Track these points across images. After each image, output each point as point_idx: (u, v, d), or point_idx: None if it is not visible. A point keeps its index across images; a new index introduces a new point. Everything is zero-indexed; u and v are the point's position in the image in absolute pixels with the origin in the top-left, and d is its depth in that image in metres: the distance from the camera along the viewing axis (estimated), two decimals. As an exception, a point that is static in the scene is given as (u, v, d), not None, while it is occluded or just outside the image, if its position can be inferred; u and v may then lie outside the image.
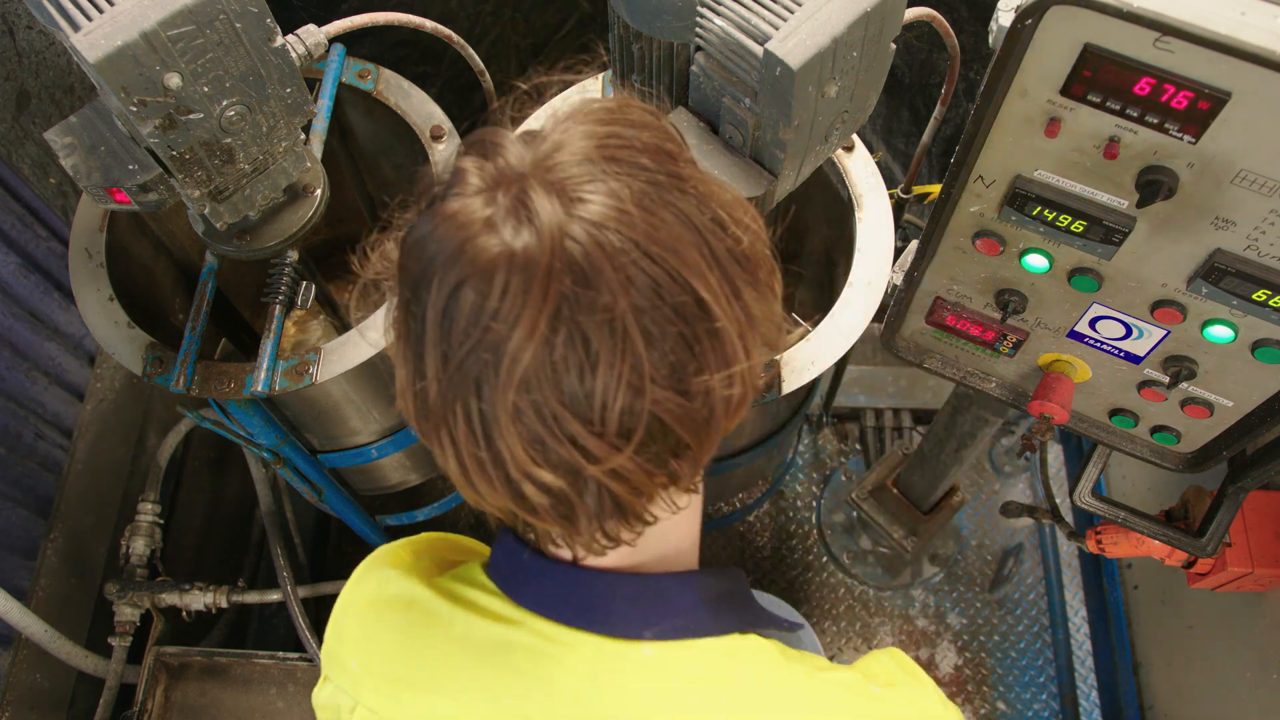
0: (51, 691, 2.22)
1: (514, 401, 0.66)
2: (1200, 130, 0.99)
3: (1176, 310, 1.22)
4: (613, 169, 0.68)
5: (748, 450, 2.06)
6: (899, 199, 2.31)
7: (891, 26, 1.13)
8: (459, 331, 0.66)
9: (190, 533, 2.72)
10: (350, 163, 2.10)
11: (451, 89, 2.52)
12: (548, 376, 0.65)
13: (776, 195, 1.26)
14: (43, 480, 2.28)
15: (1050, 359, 1.46)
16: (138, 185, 1.36)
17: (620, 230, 0.65)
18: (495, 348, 0.65)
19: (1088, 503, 1.80)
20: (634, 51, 1.22)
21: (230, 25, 1.26)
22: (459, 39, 1.81)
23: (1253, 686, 2.22)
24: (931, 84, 2.56)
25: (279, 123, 1.44)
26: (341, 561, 3.19)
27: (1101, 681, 2.95)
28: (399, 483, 2.30)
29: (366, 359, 1.62)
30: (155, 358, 1.63)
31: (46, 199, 2.20)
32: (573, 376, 0.65)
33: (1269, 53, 0.88)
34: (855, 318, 1.65)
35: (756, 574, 3.14)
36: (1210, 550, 1.73)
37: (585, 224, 0.65)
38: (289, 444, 1.87)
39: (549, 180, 0.66)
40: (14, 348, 2.19)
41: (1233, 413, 1.35)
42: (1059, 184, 1.15)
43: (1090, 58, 0.98)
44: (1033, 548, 3.17)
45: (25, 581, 2.19)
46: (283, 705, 2.24)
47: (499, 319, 0.64)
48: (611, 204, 0.66)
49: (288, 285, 1.64)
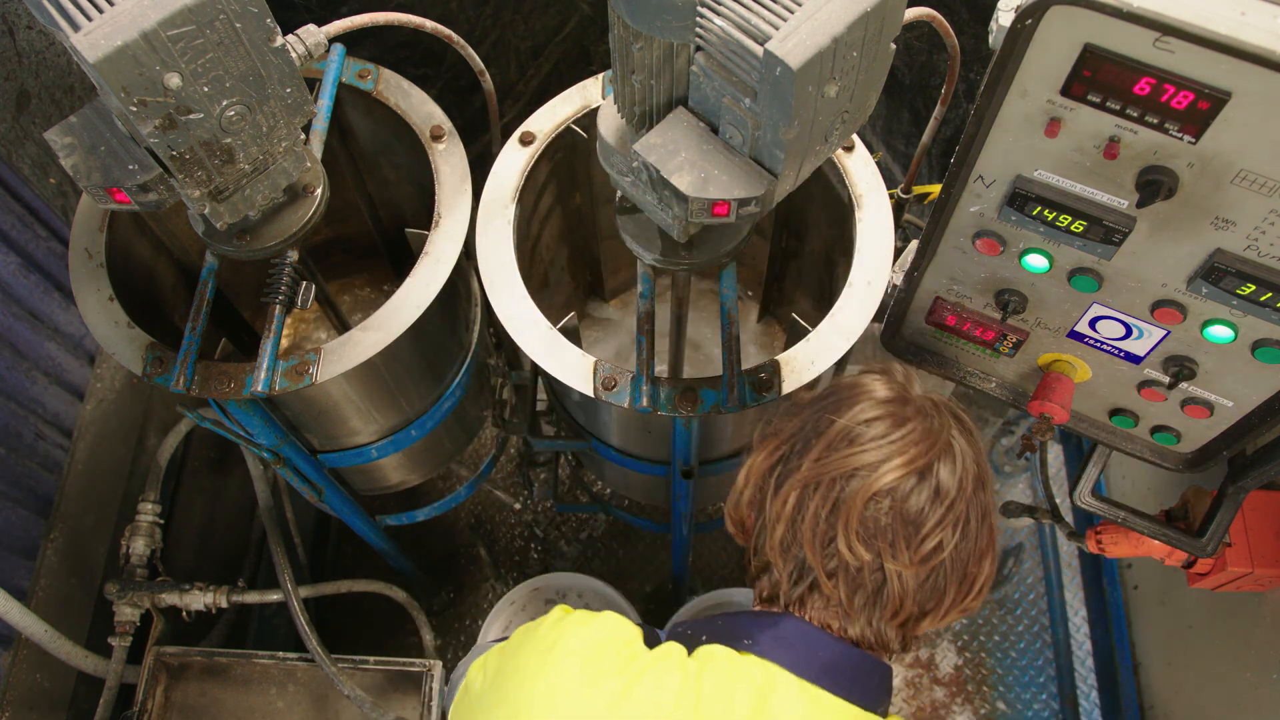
0: (51, 691, 2.22)
1: (871, 496, 1.05)
2: (1200, 130, 0.99)
3: (1176, 310, 1.22)
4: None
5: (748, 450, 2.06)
6: (899, 199, 2.31)
7: (891, 26, 1.13)
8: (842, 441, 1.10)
9: (190, 533, 2.72)
10: (350, 163, 2.10)
11: (451, 91, 2.52)
12: (900, 495, 1.05)
13: (776, 195, 1.26)
14: (43, 480, 2.28)
15: (1050, 359, 1.46)
16: (138, 185, 1.36)
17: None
18: (863, 468, 1.06)
19: (1088, 503, 1.80)
20: (634, 51, 1.22)
21: (230, 25, 1.26)
22: (459, 39, 1.81)
23: (1253, 686, 2.22)
24: (932, 85, 2.56)
25: (279, 123, 1.44)
26: (341, 561, 3.19)
27: (1101, 681, 2.95)
28: (399, 483, 2.30)
29: (366, 359, 1.62)
30: (155, 358, 1.63)
31: (46, 199, 2.20)
32: (912, 503, 1.05)
33: (1269, 53, 0.88)
34: (855, 318, 1.65)
35: (756, 574, 3.14)
36: (1210, 550, 1.73)
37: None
38: (289, 444, 1.87)
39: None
40: (14, 348, 2.19)
41: (1233, 413, 1.35)
42: (1059, 184, 1.15)
43: (1090, 58, 0.98)
44: (1033, 548, 3.17)
45: (25, 581, 2.19)
46: (283, 705, 2.24)
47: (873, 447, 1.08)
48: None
49: (288, 285, 1.64)
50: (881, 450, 1.06)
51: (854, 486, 1.05)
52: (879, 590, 1.07)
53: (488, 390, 2.40)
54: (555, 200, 2.08)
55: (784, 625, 1.10)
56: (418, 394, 1.99)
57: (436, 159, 1.81)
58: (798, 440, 1.15)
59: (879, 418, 1.10)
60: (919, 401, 1.13)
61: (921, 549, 1.04)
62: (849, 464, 1.06)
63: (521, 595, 2.65)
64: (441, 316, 1.94)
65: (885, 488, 1.04)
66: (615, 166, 1.39)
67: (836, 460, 1.07)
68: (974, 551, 1.08)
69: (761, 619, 1.12)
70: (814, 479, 1.08)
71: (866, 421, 1.09)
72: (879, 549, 1.05)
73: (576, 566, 3.17)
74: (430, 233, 1.75)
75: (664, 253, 1.53)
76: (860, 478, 1.05)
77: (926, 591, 1.07)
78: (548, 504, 3.23)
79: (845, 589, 1.07)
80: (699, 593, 2.72)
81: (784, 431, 1.18)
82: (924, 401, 1.14)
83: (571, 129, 1.89)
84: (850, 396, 1.14)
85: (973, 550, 1.08)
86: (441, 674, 2.24)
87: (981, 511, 1.09)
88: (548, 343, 1.65)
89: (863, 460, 1.06)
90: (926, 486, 1.05)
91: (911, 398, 1.13)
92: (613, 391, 1.59)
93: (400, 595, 2.57)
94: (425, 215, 1.77)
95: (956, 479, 1.07)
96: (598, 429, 2.06)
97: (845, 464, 1.07)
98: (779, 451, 1.17)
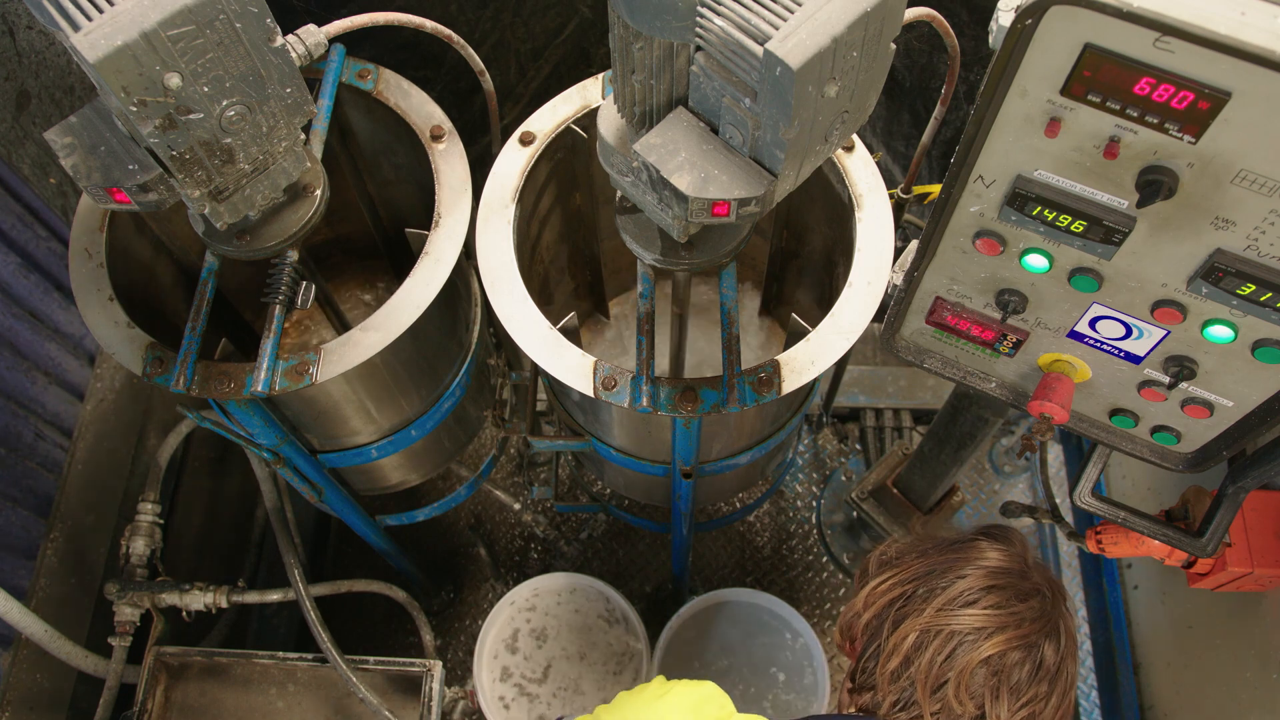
0: (51, 691, 2.22)
1: (984, 659, 1.18)
2: (1200, 130, 0.99)
3: (1176, 310, 1.22)
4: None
5: (748, 450, 2.06)
6: (899, 199, 2.31)
7: (891, 26, 1.13)
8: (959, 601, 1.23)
9: (190, 533, 2.72)
10: (350, 163, 2.10)
11: (451, 92, 2.52)
12: (1009, 663, 1.18)
13: (776, 195, 1.26)
14: (43, 480, 2.28)
15: (1050, 359, 1.46)
16: (138, 185, 1.36)
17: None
18: (979, 630, 1.19)
19: (1088, 503, 1.80)
20: (634, 52, 1.22)
21: (230, 25, 1.26)
22: (459, 39, 1.81)
23: (1253, 686, 2.22)
24: (932, 87, 2.56)
25: (279, 123, 1.44)
26: (341, 561, 3.19)
27: (1101, 681, 2.95)
28: (399, 483, 2.30)
29: (366, 359, 1.62)
30: (155, 358, 1.63)
31: (46, 199, 2.20)
32: (1017, 673, 1.18)
33: (1269, 53, 0.88)
34: (855, 318, 1.65)
35: (756, 574, 3.15)
36: (1210, 550, 1.73)
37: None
38: (289, 444, 1.87)
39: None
40: (14, 348, 2.19)
41: (1233, 413, 1.35)
42: (1059, 184, 1.15)
43: (1090, 57, 0.98)
44: (1033, 548, 3.17)
45: (25, 581, 2.19)
46: (283, 705, 2.24)
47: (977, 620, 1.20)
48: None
49: (288, 285, 1.64)
50: (997, 619, 1.20)
51: (968, 644, 1.19)
52: None
53: (488, 390, 2.40)
54: (555, 200, 2.08)
55: None
56: (418, 394, 1.99)
57: (436, 159, 1.81)
58: (922, 584, 1.26)
59: (999, 586, 1.23)
60: (1039, 578, 1.27)
61: (1018, 714, 1.18)
62: (968, 624, 1.20)
63: (522, 595, 2.65)
64: (441, 316, 1.94)
65: (996, 653, 1.18)
66: (615, 166, 1.39)
67: (958, 618, 1.21)
68: (1058, 715, 1.22)
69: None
70: (934, 627, 1.21)
71: (987, 589, 1.23)
72: (982, 703, 1.18)
73: (576, 566, 3.17)
74: (430, 233, 1.75)
75: (664, 253, 1.53)
76: (973, 639, 1.19)
77: None
78: (548, 504, 3.24)
79: None
80: (699, 593, 2.72)
81: (909, 569, 1.30)
82: (1043, 579, 1.28)
83: (571, 129, 1.89)
84: (975, 558, 1.27)
85: (1054, 718, 1.22)
86: (441, 674, 2.24)
87: (1068, 684, 1.23)
88: (548, 343, 1.65)
89: (979, 624, 1.20)
90: (1031, 660, 1.19)
91: (1032, 572, 1.27)
92: (612, 391, 1.59)
93: (400, 595, 2.57)
94: (425, 215, 1.77)
95: (1058, 657, 1.22)
96: (598, 429, 2.06)
97: (964, 623, 1.20)
98: (903, 588, 1.28)
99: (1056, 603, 1.26)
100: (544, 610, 2.66)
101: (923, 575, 1.27)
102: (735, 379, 1.59)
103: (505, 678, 2.59)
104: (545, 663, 2.60)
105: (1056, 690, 1.20)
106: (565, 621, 2.64)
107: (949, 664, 1.18)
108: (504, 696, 2.56)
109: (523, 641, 2.63)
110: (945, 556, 1.29)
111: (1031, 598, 1.23)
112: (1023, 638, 1.19)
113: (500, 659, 2.61)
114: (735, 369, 1.60)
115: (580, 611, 2.65)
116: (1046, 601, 1.24)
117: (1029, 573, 1.27)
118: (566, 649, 2.62)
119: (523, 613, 2.66)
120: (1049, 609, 1.23)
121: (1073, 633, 1.27)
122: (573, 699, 2.57)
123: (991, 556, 1.27)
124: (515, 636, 2.63)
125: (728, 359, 1.61)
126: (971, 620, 1.19)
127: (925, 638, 1.21)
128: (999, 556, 1.27)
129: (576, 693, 2.57)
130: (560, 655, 2.61)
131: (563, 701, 2.56)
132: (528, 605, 2.66)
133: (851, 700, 1.29)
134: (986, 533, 1.33)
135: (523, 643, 2.62)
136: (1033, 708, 1.18)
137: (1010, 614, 1.20)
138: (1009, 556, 1.28)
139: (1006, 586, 1.23)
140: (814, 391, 2.38)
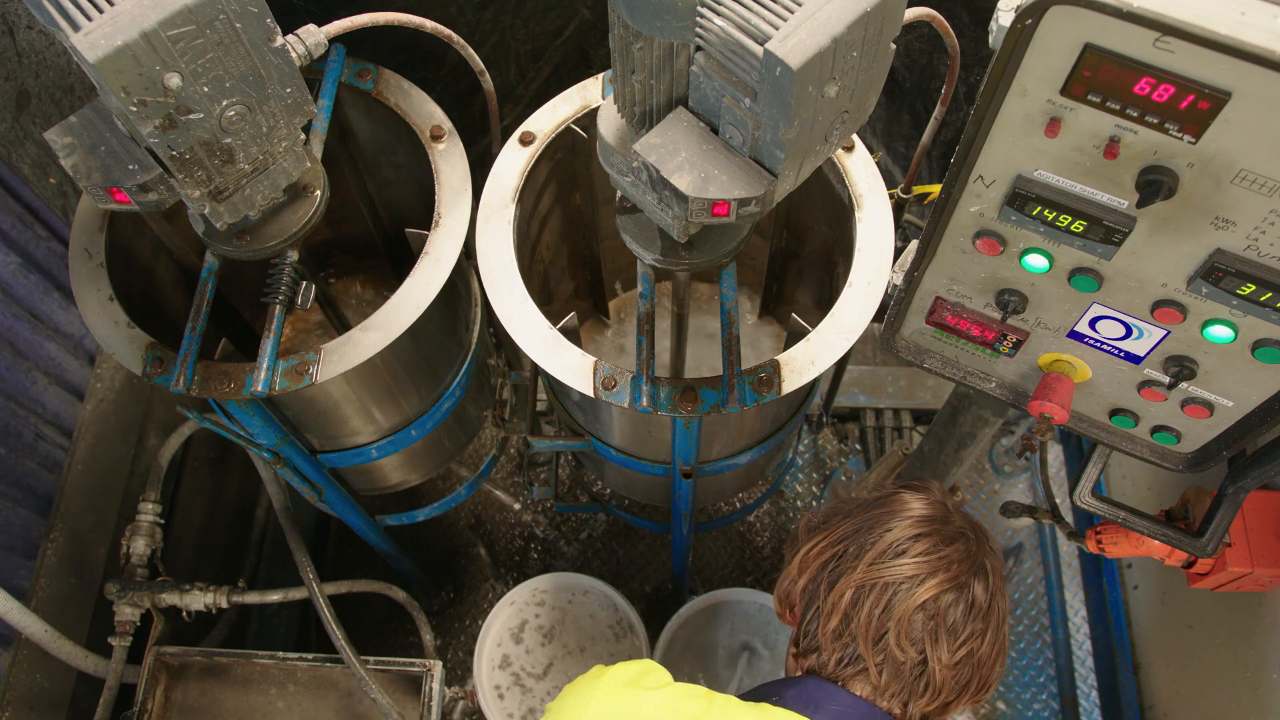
0: (51, 691, 2.22)
1: (919, 604, 1.22)
2: (1200, 130, 0.99)
3: (1176, 310, 1.22)
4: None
5: (748, 450, 2.06)
6: (899, 199, 2.31)
7: (891, 26, 1.13)
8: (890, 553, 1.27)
9: (190, 533, 2.72)
10: (350, 163, 2.10)
11: (451, 93, 2.52)
12: (943, 605, 1.23)
13: (776, 195, 1.26)
14: (43, 480, 2.28)
15: (1050, 359, 1.46)
16: (138, 185, 1.36)
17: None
18: (912, 577, 1.24)
19: (1088, 503, 1.80)
20: (634, 52, 1.22)
21: (230, 25, 1.26)
22: (459, 39, 1.81)
23: (1253, 686, 2.22)
24: (932, 88, 2.57)
25: (279, 123, 1.44)
26: (341, 561, 3.19)
27: (1101, 681, 2.95)
28: (399, 483, 2.30)
29: (366, 359, 1.62)
30: (155, 358, 1.63)
31: (46, 199, 2.20)
32: (952, 613, 1.23)
33: (1269, 53, 0.88)
34: (855, 318, 1.65)
35: (756, 574, 3.14)
36: (1210, 550, 1.73)
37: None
38: (289, 444, 1.87)
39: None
40: (14, 348, 2.19)
41: (1233, 413, 1.35)
42: (1059, 184, 1.15)
43: (1090, 57, 0.98)
44: (1033, 548, 3.17)
45: (25, 581, 2.19)
46: (283, 705, 2.24)
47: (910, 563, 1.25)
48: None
49: (288, 285, 1.64)
50: (927, 564, 1.25)
51: (903, 593, 1.23)
52: (916, 679, 1.24)
53: (488, 390, 2.40)
54: (555, 200, 2.08)
55: (826, 689, 1.26)
56: (418, 394, 1.99)
57: (436, 159, 1.81)
58: (851, 543, 1.30)
59: (925, 534, 1.28)
60: (958, 522, 1.32)
61: (958, 652, 1.23)
62: (900, 573, 1.24)
63: (522, 595, 2.66)
64: (441, 316, 1.94)
65: (930, 597, 1.23)
66: (615, 166, 1.39)
67: (890, 569, 1.25)
68: (993, 654, 1.28)
69: (803, 683, 1.28)
70: (869, 582, 1.25)
71: (915, 537, 1.27)
72: (923, 648, 1.22)
73: (576, 566, 3.17)
74: (430, 233, 1.75)
75: (664, 253, 1.53)
76: (908, 587, 1.23)
77: (954, 686, 1.25)
78: (548, 504, 3.24)
79: (888, 675, 1.24)
80: (699, 593, 2.72)
81: (836, 531, 1.33)
82: (962, 522, 1.32)
83: (571, 129, 1.89)
84: (899, 510, 1.31)
85: (991, 653, 1.27)
86: (441, 674, 2.24)
87: (1000, 618, 1.28)
88: (548, 343, 1.65)
89: (911, 572, 1.24)
90: (964, 600, 1.24)
91: (951, 517, 1.32)
92: (612, 391, 1.59)
93: (400, 595, 2.58)
94: (425, 215, 1.77)
95: (988, 594, 1.27)
96: (598, 429, 2.06)
97: (897, 573, 1.24)
98: (833, 549, 1.32)
99: (980, 542, 1.30)
100: (553, 605, 2.66)
101: (851, 534, 1.31)
102: (735, 379, 1.59)
103: (505, 665, 2.60)
104: (548, 661, 2.60)
105: (990, 625, 1.26)
106: (573, 620, 2.64)
107: (887, 614, 1.23)
108: (499, 685, 2.58)
109: (529, 635, 2.63)
110: (870, 513, 1.32)
111: (957, 540, 1.28)
112: (953, 579, 1.24)
113: (504, 646, 2.62)
114: (735, 369, 1.60)
115: (589, 613, 2.66)
116: (971, 543, 1.29)
117: (950, 517, 1.31)
118: (568, 646, 2.62)
119: (532, 606, 2.66)
120: (974, 549, 1.28)
121: (999, 570, 1.31)
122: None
123: (915, 507, 1.31)
124: (522, 628, 2.64)
125: (728, 359, 1.61)
126: (904, 569, 1.24)
127: (861, 593, 1.25)
128: (921, 506, 1.31)
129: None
130: (563, 653, 2.61)
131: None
132: (537, 601, 2.67)
133: (797, 664, 1.33)
134: (906, 485, 1.37)
135: (529, 636, 2.63)
136: (970, 645, 1.23)
137: (939, 558, 1.25)
138: (931, 504, 1.32)
139: (932, 533, 1.27)
140: (814, 391, 2.38)
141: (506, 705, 2.55)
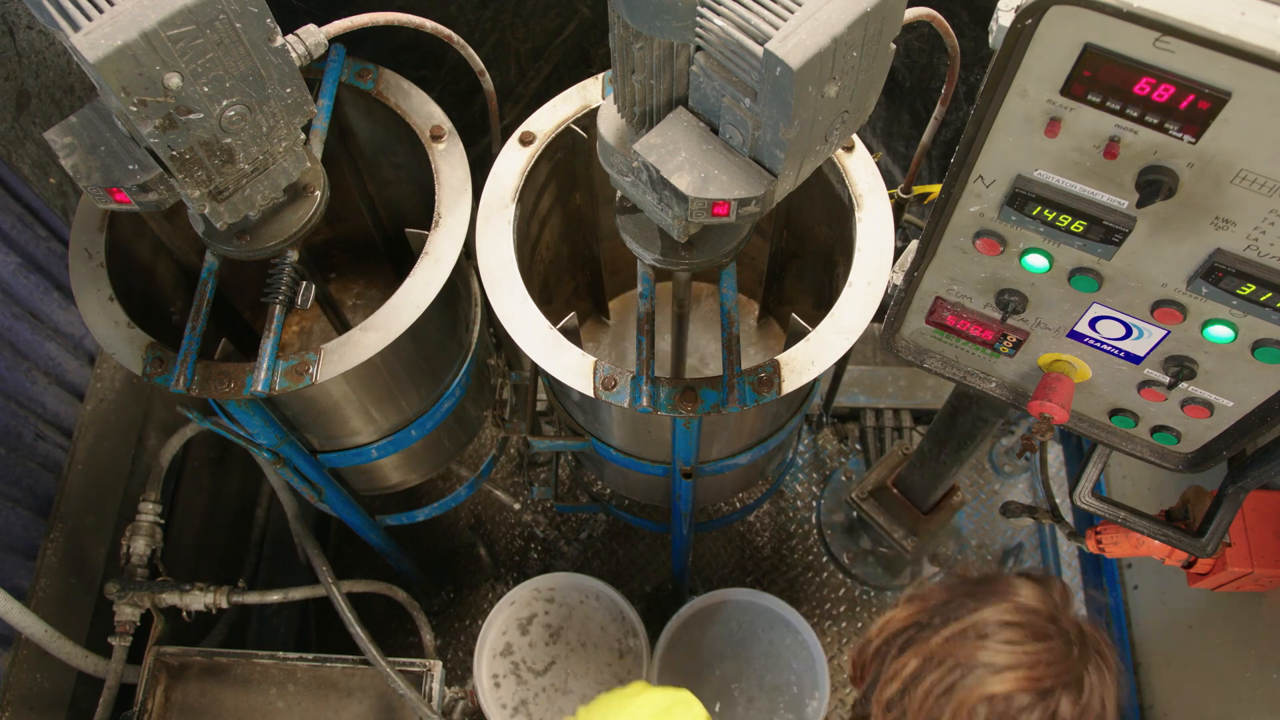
0: (51, 691, 2.22)
1: (986, 697, 1.06)
2: (1200, 130, 0.99)
3: (1176, 310, 1.22)
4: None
5: (748, 450, 2.06)
6: (899, 199, 2.31)
7: (891, 26, 1.13)
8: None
9: (190, 533, 2.72)
10: (350, 163, 2.10)
11: (451, 93, 2.52)
12: (1015, 707, 1.05)
13: (776, 195, 1.26)
14: (43, 480, 2.28)
15: (1050, 359, 1.46)
16: (138, 185, 1.36)
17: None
18: (987, 665, 1.07)
19: (1088, 503, 1.80)
20: (634, 52, 1.22)
21: (230, 25, 1.26)
22: (459, 38, 1.81)
23: (1253, 686, 2.22)
24: (932, 88, 2.56)
25: (279, 123, 1.44)
26: (341, 561, 3.19)
27: (1101, 682, 2.95)
28: (399, 483, 2.30)
29: (366, 359, 1.62)
30: (155, 358, 1.63)
31: (46, 199, 2.20)
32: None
33: (1269, 53, 0.88)
34: (855, 318, 1.65)
35: (756, 574, 3.14)
36: (1210, 550, 1.73)
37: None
38: (289, 444, 1.87)
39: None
40: (14, 348, 2.19)
41: (1233, 413, 1.35)
42: (1059, 184, 1.15)
43: (1090, 57, 0.98)
44: (1033, 548, 3.17)
45: (25, 581, 2.19)
46: (283, 705, 2.24)
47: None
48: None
49: (288, 285, 1.64)
50: (1010, 656, 1.07)
51: (971, 679, 1.07)
52: None
53: (488, 390, 2.40)
54: (555, 200, 2.08)
55: None
56: (418, 394, 1.99)
57: (436, 159, 1.81)
58: (937, 614, 1.16)
59: (1019, 624, 1.10)
60: (1067, 624, 1.12)
61: None
62: (974, 656, 1.08)
63: (522, 595, 2.66)
64: (441, 316, 1.94)
65: (1001, 694, 1.05)
66: (615, 166, 1.39)
67: (965, 647, 1.09)
68: None
69: None
70: (938, 656, 1.10)
71: (1005, 623, 1.10)
72: None
73: (576, 566, 3.17)
74: (430, 233, 1.75)
75: (664, 253, 1.53)
76: (978, 674, 1.07)
77: None
78: (548, 504, 3.23)
79: None
80: (699, 593, 2.72)
81: (930, 600, 1.19)
82: (1073, 627, 1.13)
83: (571, 129, 1.89)
84: (1002, 591, 1.15)
85: None
86: (441, 674, 2.24)
87: None
88: (548, 343, 1.65)
89: (988, 659, 1.07)
90: (1043, 709, 1.05)
91: (1061, 617, 1.13)
92: (612, 391, 1.59)
93: (400, 595, 2.58)
94: (425, 215, 1.77)
95: (1077, 713, 1.07)
96: (598, 429, 2.06)
97: (971, 654, 1.08)
98: (917, 617, 1.18)
99: (1087, 654, 1.11)
100: (561, 603, 2.67)
101: (942, 604, 1.17)
102: (735, 379, 1.59)
103: (507, 653, 2.60)
104: (550, 659, 2.61)
105: None
106: (580, 623, 2.65)
107: (946, 697, 1.07)
108: (497, 674, 2.58)
109: (535, 629, 2.64)
110: (972, 589, 1.17)
111: (1055, 639, 1.09)
112: (1035, 681, 1.06)
113: (509, 635, 2.63)
114: (735, 369, 1.60)
115: (600, 625, 2.66)
116: (1071, 648, 1.10)
117: (1059, 617, 1.13)
118: (570, 644, 2.62)
119: (522, 613, 2.66)
120: (1074, 657, 1.09)
121: (1105, 697, 1.11)
122: (559, 699, 2.58)
123: (1022, 594, 1.14)
124: (531, 620, 2.64)
125: (728, 359, 1.61)
126: (980, 653, 1.08)
127: (927, 666, 1.10)
128: (1031, 595, 1.14)
129: (564, 692, 2.59)
130: (565, 652, 2.62)
131: (549, 698, 2.57)
132: (546, 597, 2.67)
133: None
134: (1026, 573, 1.20)
135: (535, 630, 2.64)
136: None
137: (1025, 652, 1.07)
138: (1042, 598, 1.14)
139: (1027, 625, 1.10)
140: (814, 391, 2.38)
141: (501, 695, 2.55)
